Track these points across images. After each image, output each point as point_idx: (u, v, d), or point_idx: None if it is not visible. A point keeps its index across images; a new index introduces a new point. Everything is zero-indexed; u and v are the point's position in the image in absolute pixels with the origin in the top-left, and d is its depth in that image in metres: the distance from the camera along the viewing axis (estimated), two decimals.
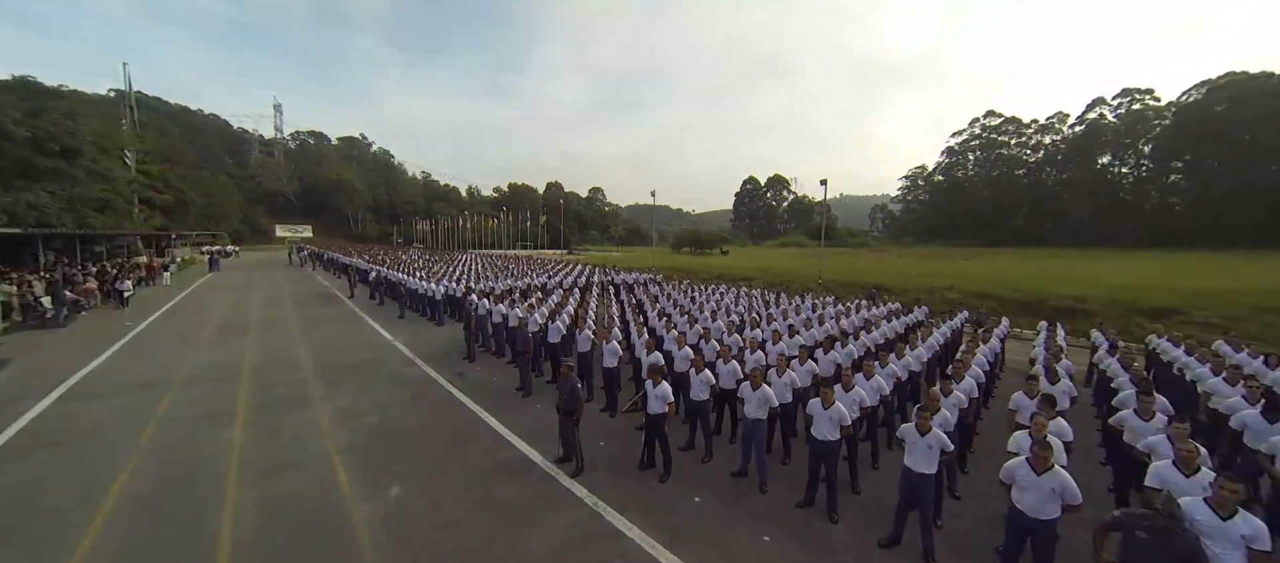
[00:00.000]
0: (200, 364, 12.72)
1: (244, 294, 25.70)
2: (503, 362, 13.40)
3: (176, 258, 39.22)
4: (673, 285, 22.49)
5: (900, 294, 22.57)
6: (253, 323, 18.06)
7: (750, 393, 7.25)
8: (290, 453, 7.92)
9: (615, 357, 9.67)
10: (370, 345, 15.08)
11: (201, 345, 14.65)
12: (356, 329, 17.46)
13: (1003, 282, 25.14)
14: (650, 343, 10.22)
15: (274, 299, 24.05)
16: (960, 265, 40.35)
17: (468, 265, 32.53)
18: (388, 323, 18.43)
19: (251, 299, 23.88)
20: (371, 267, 26.97)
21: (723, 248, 66.23)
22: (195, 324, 17.66)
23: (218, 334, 16.17)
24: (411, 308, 20.38)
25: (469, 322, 13.46)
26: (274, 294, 25.73)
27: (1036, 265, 38.36)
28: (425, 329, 17.54)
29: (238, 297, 24.79)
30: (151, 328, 17.01)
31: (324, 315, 19.94)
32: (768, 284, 28.26)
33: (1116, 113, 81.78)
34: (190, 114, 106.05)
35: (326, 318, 19.42)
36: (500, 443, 8.43)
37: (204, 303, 22.67)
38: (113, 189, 29.99)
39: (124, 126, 37.55)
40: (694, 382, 7.96)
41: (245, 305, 22.06)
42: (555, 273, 27.55)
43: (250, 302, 23.20)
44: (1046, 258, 50.24)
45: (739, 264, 44.58)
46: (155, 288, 27.74)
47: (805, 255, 59.10)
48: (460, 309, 18.88)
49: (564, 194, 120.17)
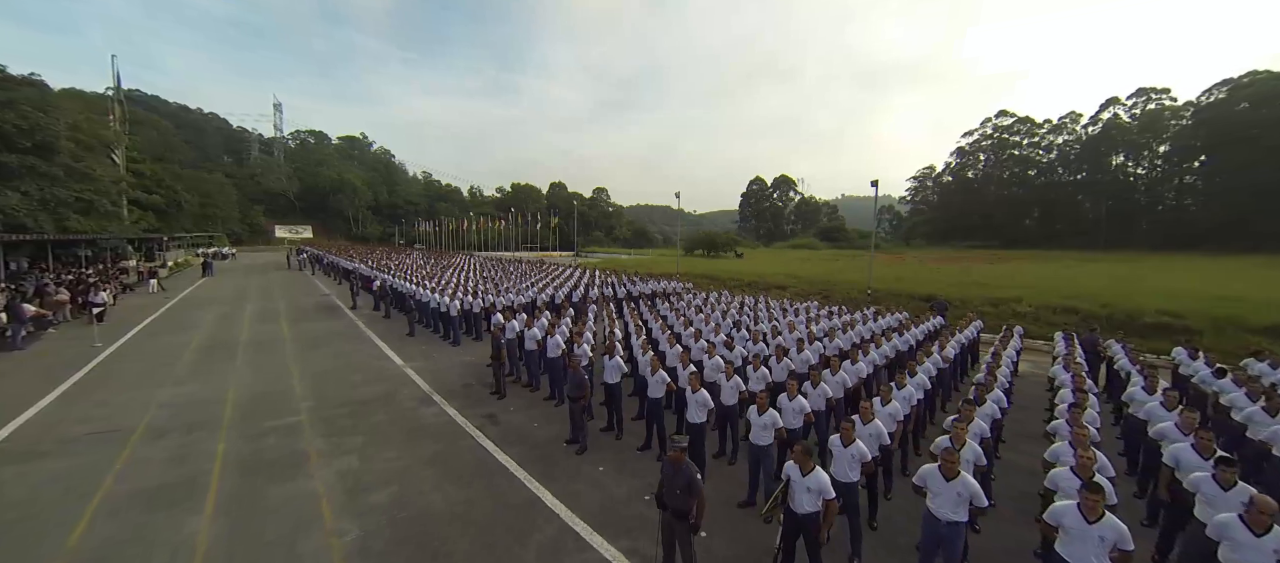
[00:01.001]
0: (172, 404, 10.35)
1: (236, 305, 23.30)
2: (538, 396, 11.09)
3: (168, 262, 36.75)
4: (707, 297, 20.15)
5: (959, 307, 20.26)
6: (242, 343, 15.68)
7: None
8: (277, 560, 5.59)
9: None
10: (378, 374, 12.72)
11: (178, 375, 12.27)
12: (361, 351, 15.09)
13: (1073, 291, 22.68)
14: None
15: (268, 312, 21.66)
16: (995, 270, 38.16)
17: (467, 272, 30.22)
18: (396, 342, 16.08)
19: (243, 311, 21.49)
20: (376, 274, 24.60)
21: (737, 250, 63.80)
22: (175, 345, 15.26)
23: (199, 359, 13.79)
24: (422, 323, 18.05)
25: (497, 351, 11.07)
26: (268, 305, 23.33)
27: (1092, 270, 36.16)
28: (439, 350, 15.19)
29: (229, 308, 22.39)
30: (123, 351, 14.61)
31: (324, 332, 17.55)
32: (803, 293, 26.00)
33: (1131, 113, 79.84)
34: (189, 113, 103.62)
35: (327, 336, 17.04)
36: (566, 537, 6.11)
37: (190, 316, 20.27)
38: (96, 189, 27.54)
39: (112, 123, 35.01)
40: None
41: (235, 319, 19.67)
42: (560, 282, 25.28)
43: (242, 314, 20.80)
44: (1087, 262, 48.06)
45: (762, 268, 42.17)
46: (140, 296, 25.32)
47: (825, 259, 56.82)
48: (478, 326, 16.60)
49: (568, 194, 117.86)
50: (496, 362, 11.06)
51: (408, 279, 21.66)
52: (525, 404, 10.72)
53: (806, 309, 17.02)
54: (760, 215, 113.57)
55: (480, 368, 13.19)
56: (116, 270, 30.38)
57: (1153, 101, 78.41)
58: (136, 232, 34.95)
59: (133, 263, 34.45)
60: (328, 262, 38.32)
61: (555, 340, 10.79)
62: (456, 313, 15.79)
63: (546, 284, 22.42)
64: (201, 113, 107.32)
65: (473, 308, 16.60)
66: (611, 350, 9.32)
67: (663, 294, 22.44)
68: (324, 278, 36.46)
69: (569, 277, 26.70)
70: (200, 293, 27.21)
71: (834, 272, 36.66)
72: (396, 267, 28.84)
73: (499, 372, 11.12)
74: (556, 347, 10.69)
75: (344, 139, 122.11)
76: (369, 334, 17.22)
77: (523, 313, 14.64)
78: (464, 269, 33.70)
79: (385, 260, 39.40)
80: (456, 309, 15.80)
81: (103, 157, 31.75)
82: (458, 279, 26.28)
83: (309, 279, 35.29)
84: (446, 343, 16.08)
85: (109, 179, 28.92)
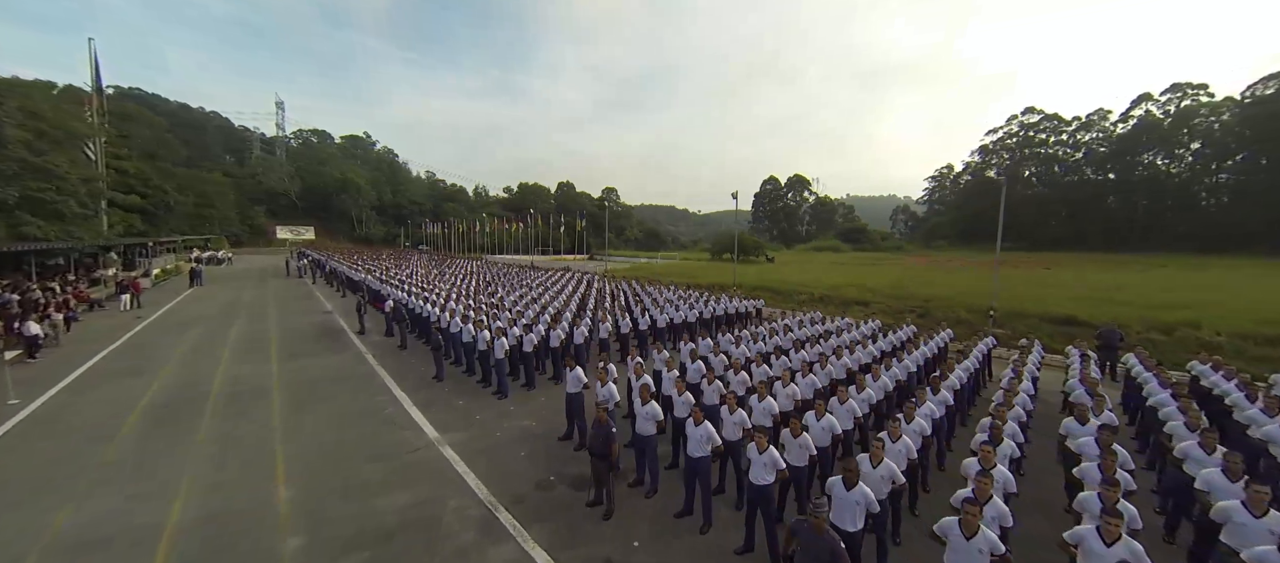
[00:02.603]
0: (77, 537, 6.09)
1: (219, 327, 19.02)
2: (667, 503, 6.85)
3: (152, 270, 32.43)
4: (798, 319, 15.97)
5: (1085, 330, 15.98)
6: (212, 397, 11.41)
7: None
8: None
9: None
10: (404, 461, 8.47)
11: (101, 473, 7.99)
12: (375, 410, 10.83)
13: (1255, 312, 18.19)
14: None
15: (256, 338, 17.37)
16: (1086, 277, 34.07)
17: (464, 280, 26.06)
18: (421, 392, 11.85)
19: (225, 338, 17.20)
20: (388, 290, 20.33)
21: (767, 254, 59.49)
22: (118, 404, 10.97)
23: (143, 434, 9.49)
24: (451, 358, 13.84)
25: (599, 442, 6.76)
26: (258, 328, 19.03)
27: (1213, 279, 31.99)
28: (482, 406, 10.97)
29: (210, 331, 18.10)
30: (40, 417, 10.31)
31: (324, 374, 13.28)
32: (893, 310, 21.79)
33: (1164, 109, 75.78)
34: (190, 112, 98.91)
35: (328, 381, 12.77)
36: None
37: (158, 346, 15.96)
38: (61, 187, 23.25)
39: (88, 114, 30.65)
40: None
41: (213, 351, 15.39)
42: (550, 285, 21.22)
43: (223, 342, 16.52)
44: (1154, 266, 43.88)
45: (818, 277, 37.90)
46: (109, 315, 21.03)
47: (866, 263, 52.57)
48: (530, 368, 12.34)
49: (577, 194, 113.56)
50: (600, 460, 6.77)
51: (430, 301, 17.40)
52: (649, 516, 6.53)
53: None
54: (774, 216, 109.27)
55: (551, 443, 8.99)
56: (86, 282, 26.11)
57: (1188, 97, 74.42)
58: (109, 237, 30.54)
59: (111, 272, 30.22)
60: (330, 268, 33.96)
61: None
62: (503, 354, 11.52)
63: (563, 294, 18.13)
64: (202, 111, 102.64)
65: (524, 344, 12.32)
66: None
67: (740, 317, 18.19)
68: (325, 287, 32.19)
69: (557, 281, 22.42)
70: (181, 309, 22.91)
71: (903, 282, 32.37)
72: (419, 281, 24.59)
73: (602, 473, 6.83)
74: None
75: (347, 138, 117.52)
76: (384, 379, 12.95)
77: None
78: (471, 276, 29.57)
79: (396, 270, 35.15)
80: (503, 350, 11.52)
81: (74, 151, 27.45)
82: (461, 287, 22.41)
83: (309, 289, 31.00)
84: (486, 390, 11.87)
85: (80, 177, 24.61)
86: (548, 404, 10.98)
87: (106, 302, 23.19)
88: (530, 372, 12.23)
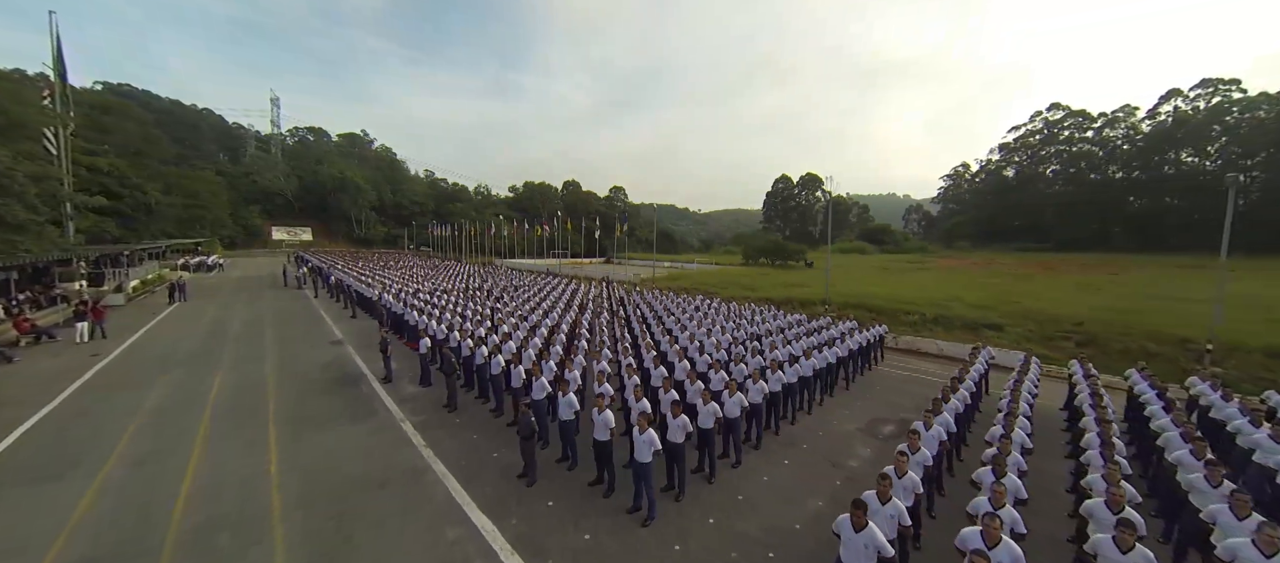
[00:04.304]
0: None
1: (196, 374, 14.27)
2: None
3: (126, 285, 27.43)
4: None
5: None
6: (168, 544, 6.75)
7: None
8: None
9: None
10: None
11: None
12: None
13: None
14: None
15: (246, 396, 12.66)
16: (1172, 279, 29.89)
17: (512, 300, 21.42)
18: (510, 503, 7.26)
19: (204, 395, 12.47)
20: (416, 318, 15.62)
21: (806, 259, 54.90)
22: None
23: None
24: (538, 437, 9.22)
25: None
26: (249, 376, 14.27)
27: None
28: (603, 519, 6.43)
29: (181, 386, 13.32)
30: None
31: (350, 477, 8.55)
32: (1042, 338, 17.43)
33: (1194, 106, 72.24)
34: (183, 109, 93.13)
35: (356, 489, 8.11)
36: None
37: (103, 415, 11.16)
38: (2, 187, 18.31)
39: (46, 102, 25.55)
40: None
41: (182, 425, 10.67)
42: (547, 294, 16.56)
43: (199, 405, 11.78)
44: (1234, 269, 39.54)
45: (866, 287, 33.48)
46: (57, 351, 16.20)
47: (909, 267, 48.20)
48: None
49: (583, 193, 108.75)
50: None
51: (462, 322, 12.78)
52: None
53: None
54: (787, 215, 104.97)
55: None
56: (45, 301, 21.17)
57: (1219, 94, 70.92)
58: (71, 245, 25.50)
59: (77, 286, 25.23)
60: (335, 280, 29.08)
61: None
62: (651, 457, 6.94)
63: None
64: (196, 108, 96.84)
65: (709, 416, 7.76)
66: None
67: (862, 352, 13.73)
68: (329, 301, 27.39)
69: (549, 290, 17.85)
70: (154, 340, 18.06)
71: (996, 292, 27.95)
72: (439, 301, 19.92)
73: None
74: None
75: (344, 136, 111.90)
76: (439, 474, 8.34)
77: None
78: (476, 284, 24.91)
79: (410, 280, 30.40)
80: (652, 453, 6.94)
81: (27, 144, 22.43)
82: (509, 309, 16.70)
83: (311, 306, 26.15)
84: (589, 482, 7.36)
85: (27, 174, 19.67)
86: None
87: (61, 329, 18.32)
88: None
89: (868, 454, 9.80)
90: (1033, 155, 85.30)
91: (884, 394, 13.51)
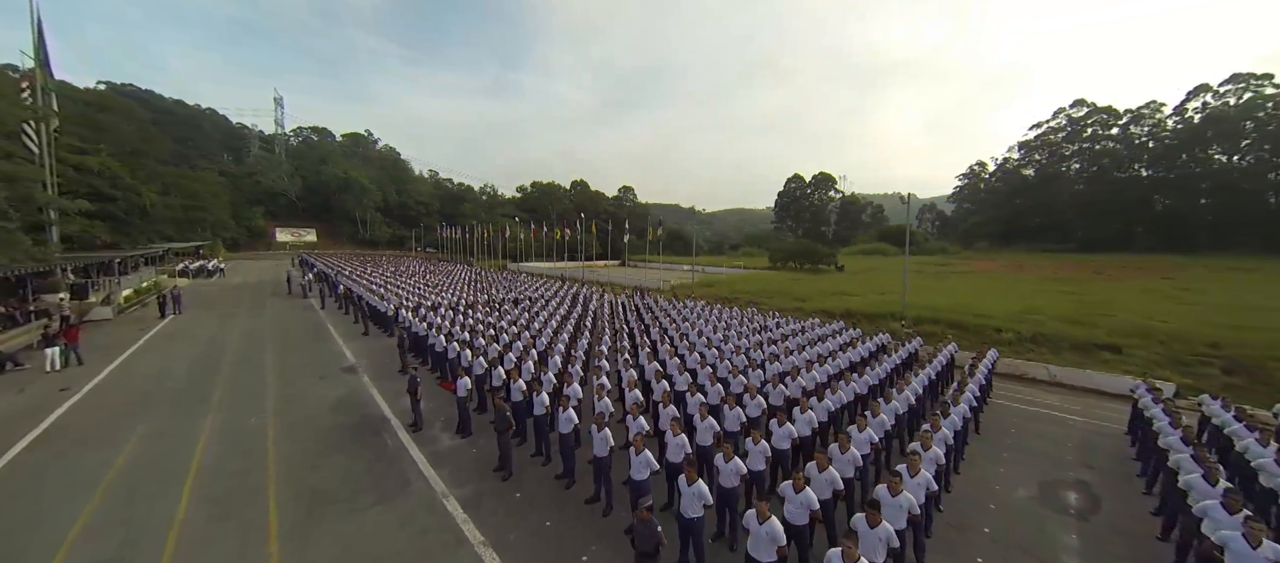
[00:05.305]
0: None
1: (181, 419, 11.64)
2: None
3: (115, 296, 24.82)
4: None
5: None
6: None
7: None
8: None
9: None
10: None
11: None
12: None
13: None
14: None
15: (240, 456, 10.04)
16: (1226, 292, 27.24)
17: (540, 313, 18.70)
18: None
19: (186, 450, 9.86)
20: (456, 350, 12.91)
21: (837, 263, 52.15)
22: None
23: None
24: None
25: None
26: (244, 417, 11.66)
27: None
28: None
29: (161, 437, 10.71)
30: None
31: None
32: (1179, 362, 14.81)
33: (1223, 102, 69.40)
34: (185, 108, 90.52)
35: None
36: None
37: (48, 497, 8.55)
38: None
39: (25, 95, 22.93)
40: None
41: (155, 507, 8.06)
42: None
43: (180, 471, 9.16)
44: None
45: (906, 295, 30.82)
46: (17, 387, 13.60)
47: (943, 271, 45.50)
48: None
49: (592, 193, 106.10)
50: None
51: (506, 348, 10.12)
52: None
53: None
54: (799, 216, 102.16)
55: None
56: (21, 316, 18.55)
57: (1250, 89, 68.12)
58: (52, 253, 22.89)
59: (60, 297, 22.64)
60: (343, 290, 26.43)
61: None
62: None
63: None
64: (199, 108, 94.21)
65: None
66: None
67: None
68: (338, 313, 24.78)
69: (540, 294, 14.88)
70: (137, 368, 15.44)
71: (1088, 305, 25.18)
72: (492, 326, 17.27)
73: None
74: None
75: (348, 136, 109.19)
76: None
77: None
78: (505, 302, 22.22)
79: (425, 286, 27.78)
80: None
81: (4, 142, 19.84)
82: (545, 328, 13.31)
83: (318, 320, 23.53)
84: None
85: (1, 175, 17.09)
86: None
87: (30, 353, 15.71)
88: None
89: (1075, 544, 7.19)
90: (1054, 153, 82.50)
91: (1026, 440, 10.90)
